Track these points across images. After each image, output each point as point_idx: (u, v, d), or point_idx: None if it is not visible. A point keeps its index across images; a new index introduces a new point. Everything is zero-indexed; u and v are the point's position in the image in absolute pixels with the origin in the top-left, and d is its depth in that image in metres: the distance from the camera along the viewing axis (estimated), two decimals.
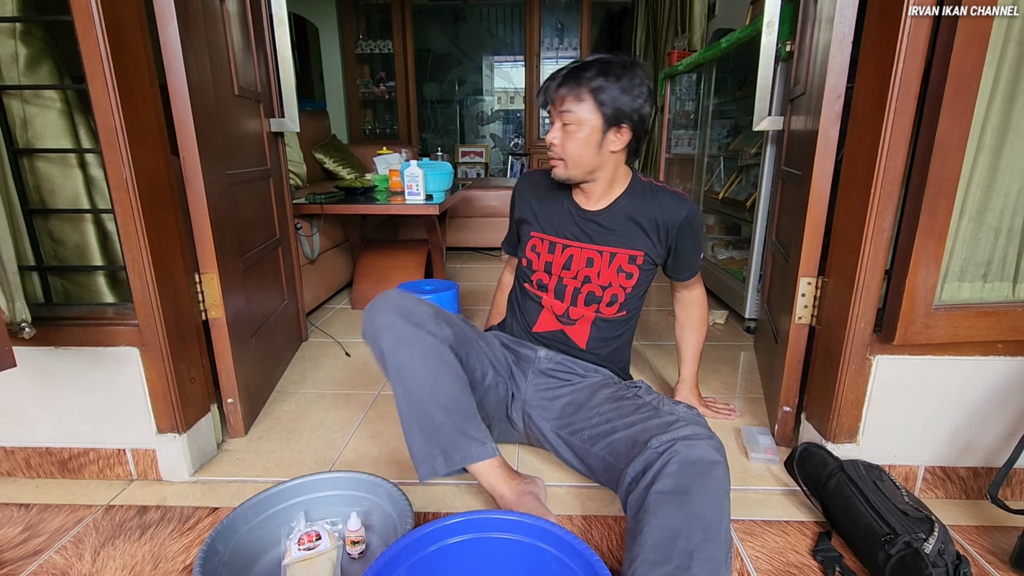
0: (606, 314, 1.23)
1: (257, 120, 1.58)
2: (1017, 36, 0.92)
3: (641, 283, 1.22)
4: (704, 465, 0.84)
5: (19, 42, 1.06)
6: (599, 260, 1.20)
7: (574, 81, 1.06)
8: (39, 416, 1.17)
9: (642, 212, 1.18)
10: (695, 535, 0.77)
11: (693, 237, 1.22)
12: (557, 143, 1.11)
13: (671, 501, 0.81)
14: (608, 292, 1.20)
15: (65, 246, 1.16)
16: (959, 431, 1.10)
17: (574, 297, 1.22)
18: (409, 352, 1.01)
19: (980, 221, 1.01)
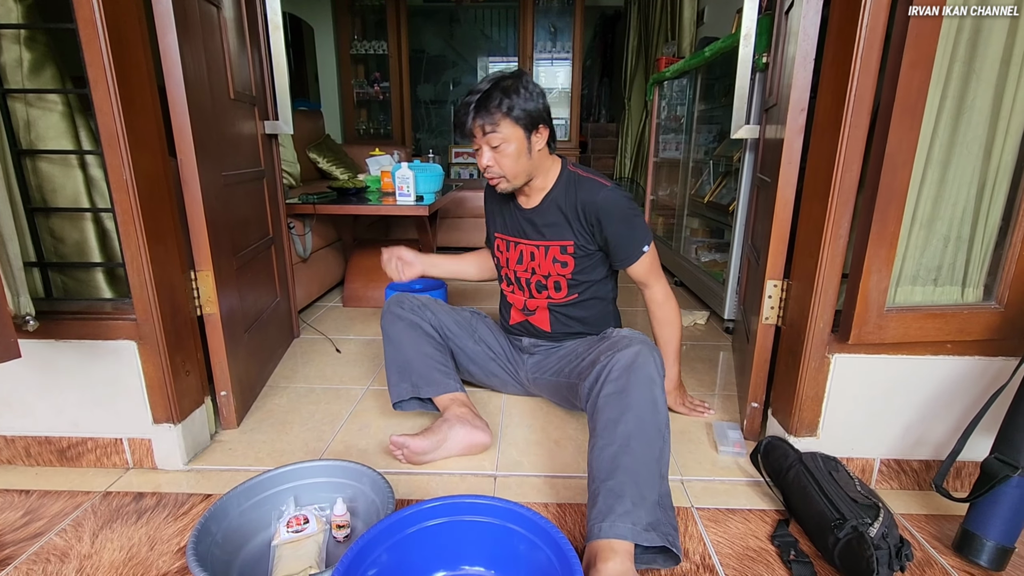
0: (556, 299, 1.39)
1: (252, 122, 1.63)
2: (963, 57, 0.99)
3: (580, 269, 1.35)
4: (635, 366, 1.04)
5: (23, 47, 1.11)
6: (539, 253, 1.36)
7: (484, 110, 1.18)
8: (39, 406, 1.22)
9: (567, 203, 1.31)
10: (631, 422, 0.98)
11: (612, 220, 1.27)
12: (493, 164, 1.23)
13: (613, 399, 1.02)
14: (551, 280, 1.37)
15: (65, 243, 1.21)
16: (912, 426, 1.17)
17: (528, 287, 1.41)
18: (396, 325, 1.41)
19: (930, 229, 1.08)
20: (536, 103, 1.21)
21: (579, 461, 1.28)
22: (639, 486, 0.93)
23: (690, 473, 1.25)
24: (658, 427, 0.99)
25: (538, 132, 1.23)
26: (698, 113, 2.71)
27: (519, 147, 1.22)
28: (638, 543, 0.90)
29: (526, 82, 1.20)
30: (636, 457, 0.95)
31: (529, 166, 1.26)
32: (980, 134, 1.03)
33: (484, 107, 1.18)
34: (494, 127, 1.18)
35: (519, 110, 1.18)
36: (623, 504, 0.91)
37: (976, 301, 1.12)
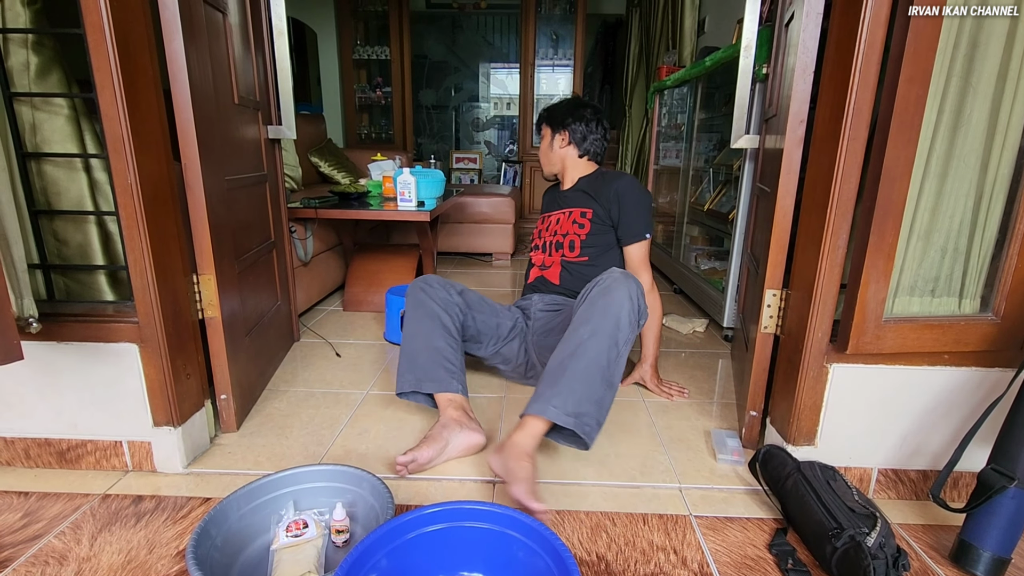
0: (569, 257, 1.67)
1: (255, 127, 1.64)
2: (960, 72, 1.00)
3: (594, 233, 1.65)
4: (609, 288, 1.23)
5: (31, 51, 1.12)
6: (564, 218, 1.72)
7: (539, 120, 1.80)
8: (40, 408, 1.22)
9: (592, 187, 1.68)
10: (587, 333, 1.19)
11: (628, 198, 1.60)
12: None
13: (582, 311, 1.24)
14: (567, 239, 1.68)
15: (69, 246, 1.22)
16: (909, 436, 1.18)
17: (549, 248, 1.73)
18: (416, 312, 1.48)
19: (928, 240, 1.09)
20: (560, 112, 1.75)
21: (577, 468, 1.29)
22: (575, 381, 1.15)
23: (688, 481, 1.25)
24: (614, 339, 1.19)
25: (559, 134, 1.74)
26: (698, 121, 2.73)
27: (544, 145, 1.79)
28: (556, 423, 1.14)
29: (568, 103, 1.75)
30: (583, 360, 1.17)
31: (549, 158, 1.78)
32: (977, 147, 1.04)
33: (540, 118, 1.82)
34: (538, 131, 1.85)
35: (549, 116, 1.79)
36: (554, 391, 1.15)
37: (973, 312, 1.13)
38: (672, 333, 2.25)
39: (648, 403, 1.62)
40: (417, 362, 1.41)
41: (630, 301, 1.22)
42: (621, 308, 1.21)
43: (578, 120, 1.69)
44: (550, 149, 1.75)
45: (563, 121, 1.70)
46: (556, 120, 1.71)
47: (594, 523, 1.11)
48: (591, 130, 1.70)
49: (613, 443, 1.40)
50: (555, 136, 1.72)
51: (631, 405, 1.60)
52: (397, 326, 2.09)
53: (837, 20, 1.07)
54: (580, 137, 1.70)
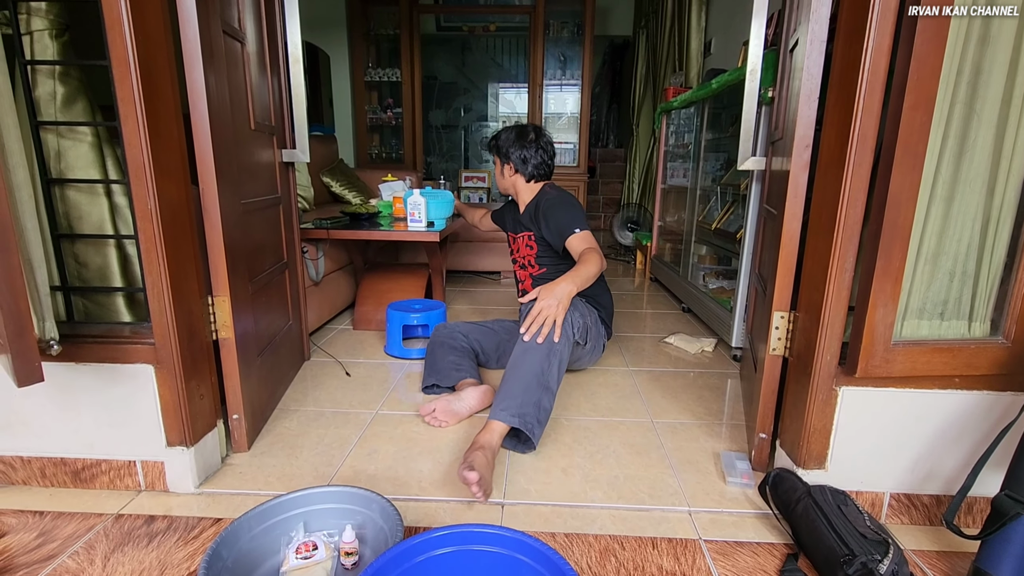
0: (536, 273, 1.95)
1: (270, 151, 1.68)
2: (963, 98, 1.01)
3: (542, 251, 1.92)
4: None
5: (57, 82, 1.16)
6: (520, 241, 1.99)
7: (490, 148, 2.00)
8: (56, 428, 1.24)
9: (532, 210, 1.89)
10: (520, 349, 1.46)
11: (544, 216, 1.82)
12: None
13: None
14: (526, 259, 1.97)
15: (88, 268, 1.25)
16: (921, 460, 1.17)
17: (522, 265, 2.00)
18: (435, 345, 1.88)
19: (936, 264, 1.09)
20: (500, 144, 1.97)
21: (587, 490, 1.29)
22: (516, 389, 1.40)
23: (698, 504, 1.25)
24: (545, 353, 1.43)
25: (506, 165, 1.95)
26: (705, 142, 2.75)
27: (497, 170, 2.02)
28: (511, 426, 1.37)
29: (518, 132, 1.92)
30: (521, 370, 1.42)
31: (503, 184, 2.01)
32: (983, 172, 1.04)
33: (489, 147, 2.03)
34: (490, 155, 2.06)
35: (497, 149, 2.00)
36: (502, 398, 1.40)
37: (983, 336, 1.12)
38: (681, 352, 2.24)
39: (657, 424, 1.62)
40: (436, 370, 1.81)
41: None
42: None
43: (519, 148, 1.87)
44: (501, 176, 1.97)
45: (506, 153, 1.89)
46: (500, 152, 1.91)
47: (603, 547, 1.11)
48: (532, 155, 1.88)
49: (622, 465, 1.40)
50: (503, 166, 1.93)
51: (639, 426, 1.60)
52: (398, 340, 2.11)
53: (840, 49, 1.09)
54: (523, 164, 1.89)
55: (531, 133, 1.88)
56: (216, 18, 1.27)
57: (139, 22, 1.04)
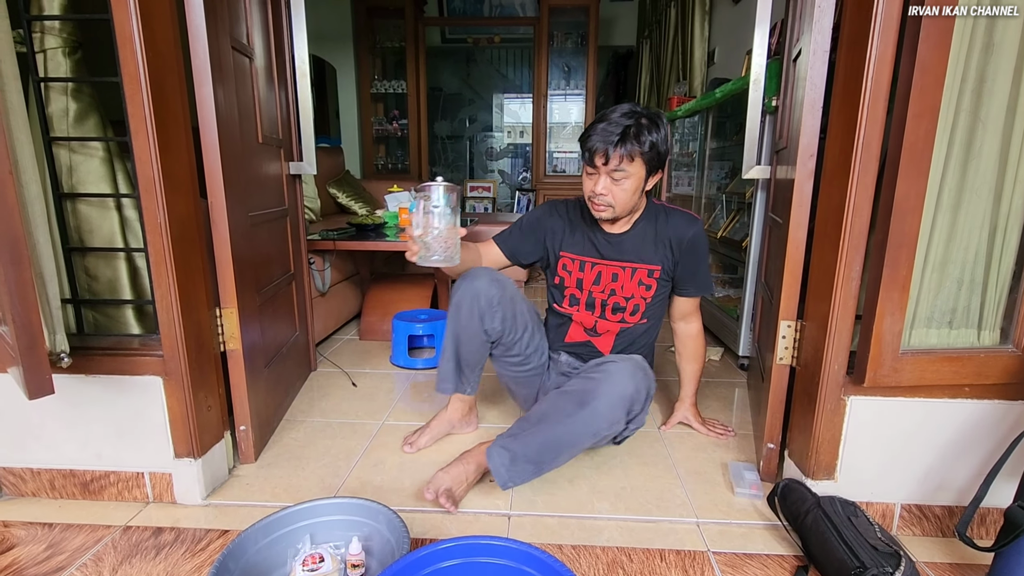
0: (630, 323, 1.45)
1: (277, 164, 1.70)
2: (968, 106, 1.01)
3: (659, 294, 1.44)
4: (610, 380, 1.22)
5: (70, 98, 1.19)
6: (623, 275, 1.42)
7: (630, 143, 1.22)
8: (66, 439, 1.25)
9: (657, 232, 1.40)
10: (572, 420, 1.21)
11: (696, 253, 1.40)
12: (607, 193, 1.28)
13: (575, 391, 1.25)
14: (631, 303, 1.42)
15: (99, 281, 1.27)
16: (932, 470, 1.16)
17: (603, 309, 1.45)
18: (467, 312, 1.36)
19: (943, 272, 1.09)
20: (666, 147, 1.27)
21: (593, 501, 1.28)
22: (532, 446, 1.21)
23: (706, 515, 1.24)
24: (593, 432, 1.22)
25: (655, 175, 1.31)
26: (710, 150, 2.76)
27: (637, 184, 1.27)
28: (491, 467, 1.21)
29: (664, 126, 1.26)
30: (556, 434, 1.21)
31: (636, 202, 1.33)
32: (989, 180, 1.04)
33: (630, 140, 1.22)
34: (630, 161, 1.23)
35: (653, 152, 1.24)
36: (512, 446, 1.21)
37: (993, 344, 1.11)
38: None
39: (663, 434, 1.61)
40: (464, 358, 1.44)
41: (622, 406, 1.22)
42: (613, 407, 1.21)
43: (667, 133, 1.28)
44: (637, 193, 1.29)
45: (664, 159, 1.28)
46: (659, 156, 1.26)
47: (610, 559, 1.10)
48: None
49: (629, 476, 1.39)
50: (650, 177, 1.29)
51: (646, 436, 1.59)
52: (404, 350, 2.11)
53: (844, 59, 1.09)
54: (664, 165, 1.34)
55: (658, 117, 1.26)
56: (225, 34, 1.29)
57: (150, 39, 1.06)
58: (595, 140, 1.24)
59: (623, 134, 1.21)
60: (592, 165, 1.26)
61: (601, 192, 1.27)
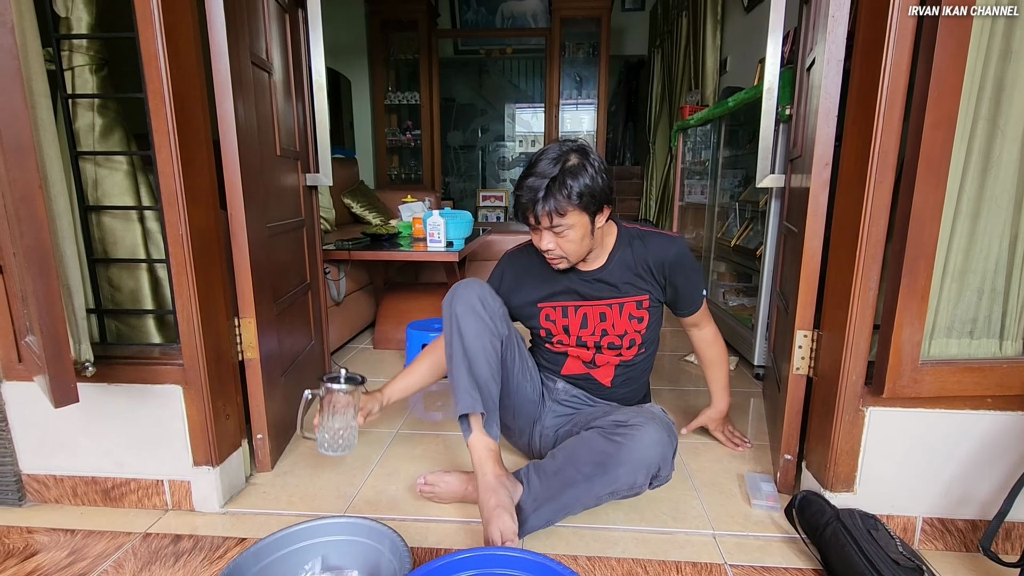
0: (627, 356, 1.35)
1: (295, 175, 1.73)
2: (986, 114, 1.00)
3: (652, 321, 1.35)
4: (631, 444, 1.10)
5: (96, 114, 1.22)
6: (611, 313, 1.31)
7: (555, 199, 1.11)
8: (88, 447, 1.28)
9: (636, 259, 1.30)
10: (589, 471, 1.12)
11: (684, 272, 1.31)
12: (553, 248, 1.19)
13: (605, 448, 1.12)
14: (626, 339, 1.32)
15: (121, 291, 1.29)
16: (954, 483, 1.13)
17: (597, 347, 1.34)
18: (474, 324, 1.22)
19: (963, 281, 1.07)
20: (602, 181, 1.15)
21: (608, 512, 1.27)
22: (547, 509, 1.16)
23: (722, 527, 1.22)
24: (612, 490, 1.13)
25: (602, 213, 1.18)
26: (723, 159, 2.75)
27: (583, 231, 1.17)
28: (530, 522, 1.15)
29: (592, 160, 1.15)
30: (569, 498, 1.15)
31: (591, 244, 1.22)
32: (1009, 188, 1.03)
33: (552, 195, 1.11)
34: (561, 216, 1.12)
35: (588, 195, 1.12)
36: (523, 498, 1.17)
37: (1015, 354, 1.09)
38: (701, 371, 2.21)
39: (679, 444, 1.59)
40: (477, 379, 1.22)
41: (645, 473, 1.11)
42: (635, 474, 1.10)
43: (606, 177, 1.18)
44: (587, 238, 1.19)
45: (606, 192, 1.16)
46: (596, 195, 1.14)
47: (626, 570, 1.09)
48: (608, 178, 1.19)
49: None
50: (596, 217, 1.18)
51: None
52: None
53: (858, 68, 1.09)
54: (613, 205, 1.22)
55: (586, 151, 1.17)
56: (245, 50, 1.32)
57: (174, 56, 1.09)
58: (523, 201, 1.15)
59: (547, 190, 1.11)
60: (530, 225, 1.18)
61: (548, 247, 1.19)
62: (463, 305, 1.23)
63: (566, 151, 1.15)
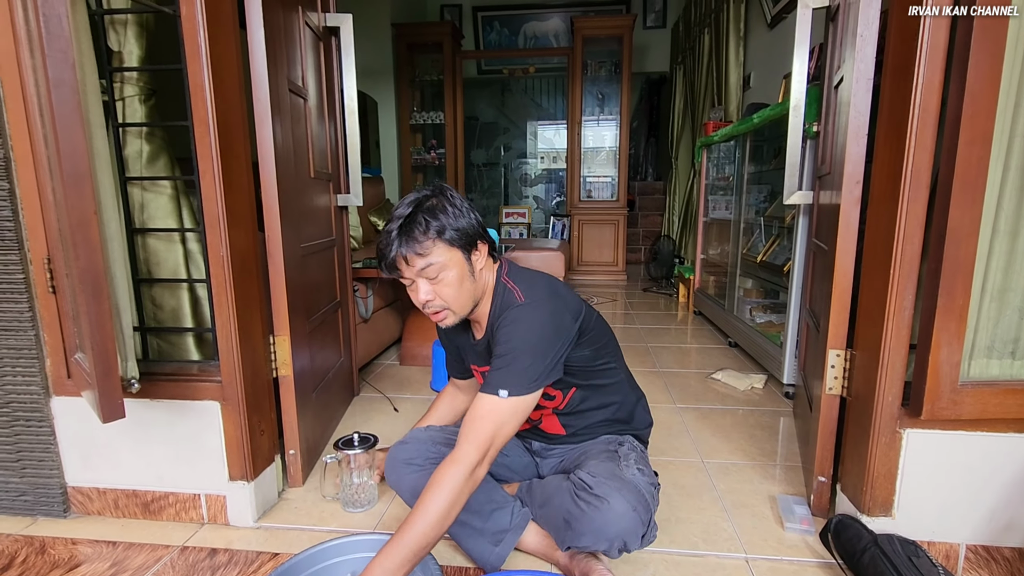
0: (562, 406, 1.19)
1: (327, 196, 1.78)
2: (1023, 131, 0.99)
3: (566, 383, 1.13)
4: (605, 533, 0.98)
5: (144, 141, 1.28)
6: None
7: (410, 238, 0.99)
8: (130, 461, 1.32)
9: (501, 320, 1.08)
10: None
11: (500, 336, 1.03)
12: (433, 297, 1.03)
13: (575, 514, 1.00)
14: (543, 399, 1.14)
15: (163, 310, 1.35)
16: (999, 509, 1.10)
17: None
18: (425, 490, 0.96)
19: (1003, 300, 1.05)
20: (468, 219, 1.03)
21: None
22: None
23: (755, 551, 1.20)
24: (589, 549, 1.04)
25: (477, 250, 1.05)
26: (748, 175, 2.74)
27: (460, 272, 1.02)
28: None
29: (451, 197, 1.04)
30: (559, 534, 1.06)
31: (474, 289, 1.06)
32: None
33: (409, 234, 0.99)
34: (426, 255, 0.99)
35: (451, 231, 1.00)
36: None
37: None
38: (729, 389, 2.19)
39: (708, 464, 1.58)
40: (476, 530, 1.14)
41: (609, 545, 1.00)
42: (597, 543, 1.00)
43: (480, 222, 1.07)
44: (468, 280, 1.04)
45: (476, 229, 1.05)
46: (464, 232, 1.02)
47: None
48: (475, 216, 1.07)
49: (672, 507, 1.36)
50: (472, 256, 1.05)
51: (689, 467, 1.56)
52: (444, 376, 2.13)
53: (888, 87, 1.09)
54: (491, 246, 1.10)
55: (444, 190, 1.05)
56: (284, 79, 1.38)
57: (219, 88, 1.14)
58: (386, 250, 1.01)
59: (400, 229, 0.99)
60: (403, 277, 1.04)
61: (427, 299, 1.03)
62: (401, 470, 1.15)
63: (422, 195, 1.04)
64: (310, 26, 1.61)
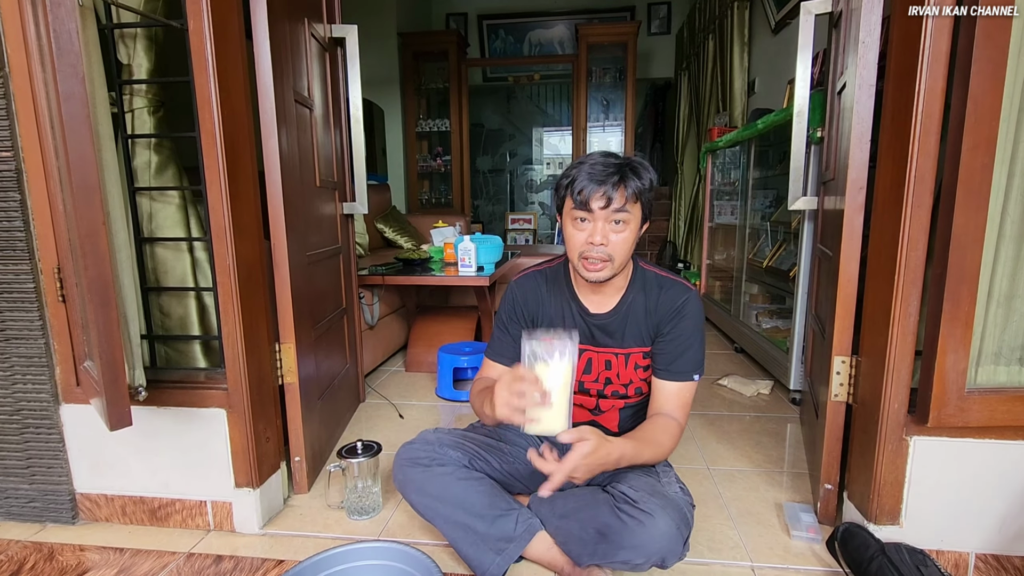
0: (633, 400, 1.23)
1: (332, 205, 1.79)
2: None
3: (652, 371, 1.20)
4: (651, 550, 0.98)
5: (152, 152, 1.30)
6: (616, 362, 1.19)
7: (632, 180, 1.02)
8: (138, 468, 1.33)
9: (647, 305, 1.16)
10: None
11: (687, 328, 1.13)
12: (607, 243, 1.04)
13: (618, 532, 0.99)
14: (632, 387, 1.20)
15: (171, 317, 1.36)
16: (1009, 517, 1.08)
17: (600, 395, 1.22)
18: (432, 488, 1.12)
19: (1009, 307, 1.04)
20: (654, 197, 1.09)
21: None
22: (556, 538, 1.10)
23: (761, 559, 1.19)
24: (611, 563, 1.03)
25: (646, 225, 1.11)
26: (753, 180, 2.73)
27: (634, 233, 1.06)
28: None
29: (652, 173, 1.07)
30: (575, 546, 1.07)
31: (629, 255, 1.10)
32: None
33: (629, 176, 1.01)
34: (633, 201, 1.02)
35: (647, 197, 1.05)
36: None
37: None
38: (735, 395, 2.17)
39: (713, 471, 1.57)
40: (479, 535, 1.13)
41: (648, 560, 0.98)
42: (635, 558, 0.99)
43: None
44: (632, 245, 1.08)
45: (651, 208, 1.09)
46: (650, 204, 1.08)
47: None
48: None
49: None
50: (643, 226, 1.10)
51: (695, 473, 1.56)
52: (449, 382, 2.14)
53: (891, 93, 1.09)
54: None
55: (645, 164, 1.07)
56: (289, 89, 1.40)
57: (226, 100, 1.16)
58: (588, 181, 1.01)
59: (621, 170, 1.01)
60: (587, 209, 1.03)
61: (600, 243, 1.03)
62: (407, 470, 1.15)
63: (638, 159, 1.06)
64: (316, 37, 1.63)
